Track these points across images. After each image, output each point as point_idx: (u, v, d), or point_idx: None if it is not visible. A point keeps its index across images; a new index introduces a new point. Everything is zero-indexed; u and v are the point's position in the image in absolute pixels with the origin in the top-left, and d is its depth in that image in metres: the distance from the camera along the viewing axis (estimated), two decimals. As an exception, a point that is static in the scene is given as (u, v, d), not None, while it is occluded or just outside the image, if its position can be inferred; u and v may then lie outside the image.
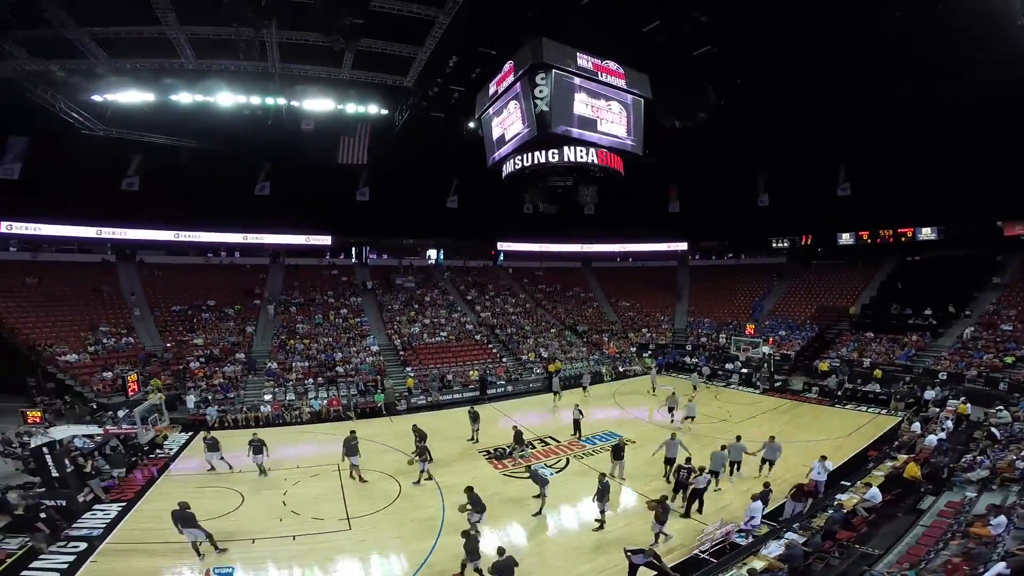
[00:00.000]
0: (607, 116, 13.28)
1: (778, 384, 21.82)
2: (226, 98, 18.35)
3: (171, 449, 15.74)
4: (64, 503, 11.29)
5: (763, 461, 12.26)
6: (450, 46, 15.90)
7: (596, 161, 13.48)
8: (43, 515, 10.52)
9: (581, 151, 13.19)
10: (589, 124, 12.98)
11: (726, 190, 33.93)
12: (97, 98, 18.42)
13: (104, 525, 10.89)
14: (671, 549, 9.33)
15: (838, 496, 10.08)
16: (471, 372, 23.73)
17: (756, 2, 14.09)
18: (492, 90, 14.15)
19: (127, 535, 10.53)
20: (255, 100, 18.69)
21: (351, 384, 21.86)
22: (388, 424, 18.61)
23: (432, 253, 39.12)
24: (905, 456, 11.80)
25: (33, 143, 22.79)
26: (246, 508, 11.63)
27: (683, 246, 41.45)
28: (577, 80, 12.60)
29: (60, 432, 12.80)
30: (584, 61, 12.69)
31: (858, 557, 7.96)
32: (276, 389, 20.82)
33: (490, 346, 27.64)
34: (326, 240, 33.69)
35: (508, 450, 14.36)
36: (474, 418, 16.11)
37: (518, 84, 12.75)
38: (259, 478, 13.26)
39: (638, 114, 13.95)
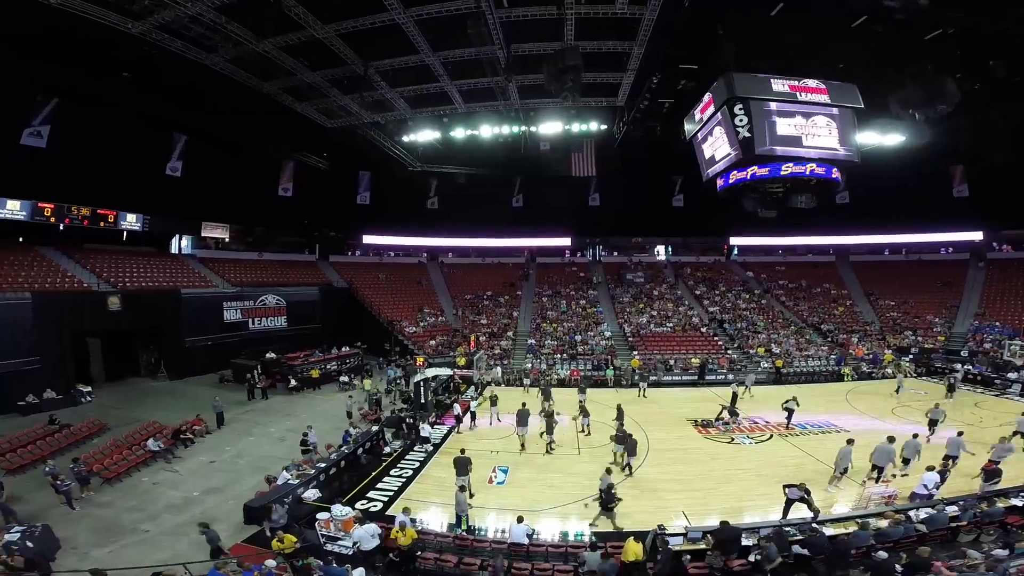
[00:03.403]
0: (812, 131, 14.27)
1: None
2: (487, 130, 24.19)
3: (470, 396, 22.84)
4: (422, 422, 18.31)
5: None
6: (651, 68, 18.32)
7: (807, 172, 14.63)
8: (417, 428, 17.45)
9: (789, 165, 14.57)
10: (794, 141, 14.15)
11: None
12: (406, 138, 26.40)
13: (441, 436, 16.93)
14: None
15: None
16: (693, 359, 26.07)
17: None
18: (697, 117, 16.42)
19: (453, 442, 16.48)
20: (506, 130, 24.16)
21: (588, 361, 26.87)
22: (614, 394, 22.60)
23: (660, 249, 41.60)
24: None
25: (374, 176, 34.25)
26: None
27: (977, 235, 34.51)
28: (774, 105, 14.13)
29: (430, 372, 20.45)
30: (780, 85, 14.04)
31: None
32: (534, 360, 27.23)
33: (715, 338, 29.16)
34: (566, 241, 40.14)
35: (715, 420, 17.01)
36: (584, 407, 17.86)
37: (719, 114, 14.82)
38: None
39: (848, 124, 14.44)
